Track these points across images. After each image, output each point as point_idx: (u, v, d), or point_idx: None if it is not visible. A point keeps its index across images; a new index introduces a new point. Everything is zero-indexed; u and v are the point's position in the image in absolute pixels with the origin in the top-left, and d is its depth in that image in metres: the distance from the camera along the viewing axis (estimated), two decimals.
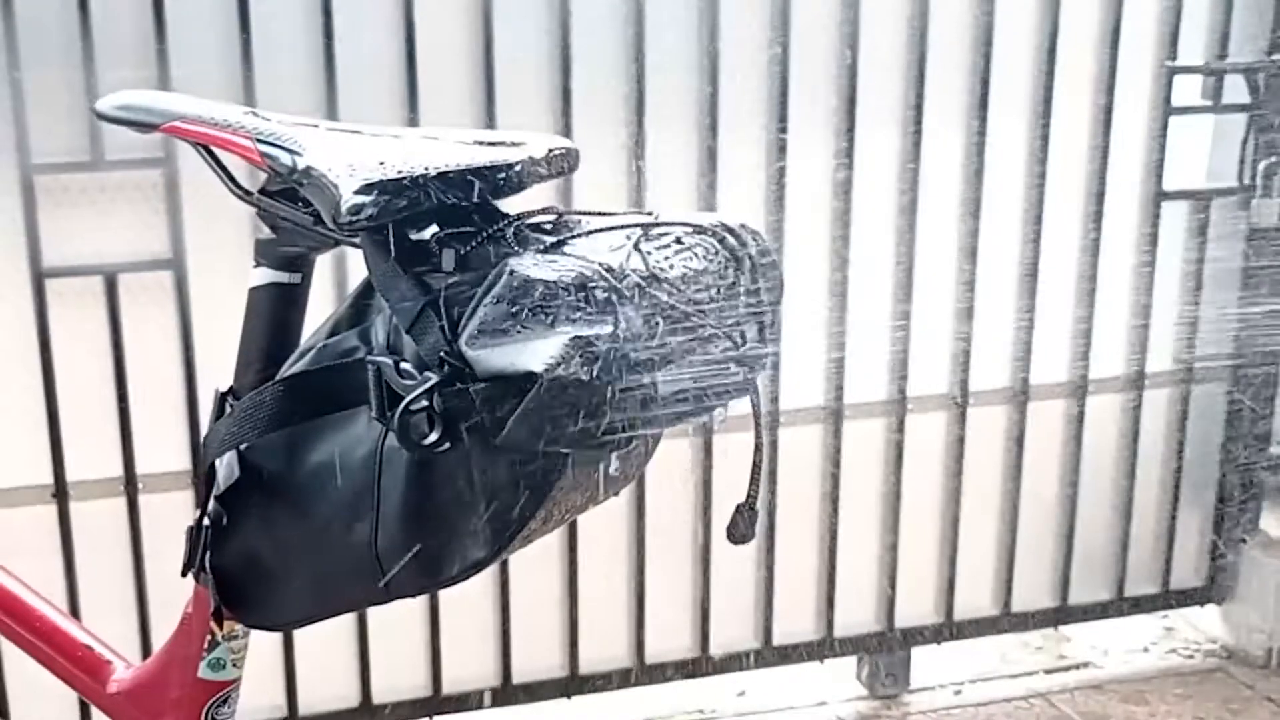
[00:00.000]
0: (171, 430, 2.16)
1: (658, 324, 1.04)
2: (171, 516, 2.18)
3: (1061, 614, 2.72)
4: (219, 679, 1.29)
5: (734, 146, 2.30)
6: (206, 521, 1.22)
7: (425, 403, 1.01)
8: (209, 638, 1.27)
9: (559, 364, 0.97)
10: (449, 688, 2.39)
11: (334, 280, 2.11)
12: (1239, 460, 2.73)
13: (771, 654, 2.56)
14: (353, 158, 1.07)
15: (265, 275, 1.23)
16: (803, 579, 2.54)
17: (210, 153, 1.17)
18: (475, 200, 1.08)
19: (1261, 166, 2.55)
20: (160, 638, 1.39)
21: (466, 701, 2.40)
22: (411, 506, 1.08)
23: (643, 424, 1.02)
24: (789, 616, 2.55)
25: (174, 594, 2.13)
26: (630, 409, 1.00)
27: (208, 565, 1.21)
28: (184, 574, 1.25)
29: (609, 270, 1.04)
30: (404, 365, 1.04)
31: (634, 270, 1.06)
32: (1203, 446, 2.74)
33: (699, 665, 2.52)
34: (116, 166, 2.05)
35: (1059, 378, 2.59)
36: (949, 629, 2.65)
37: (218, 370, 2.09)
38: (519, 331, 1.00)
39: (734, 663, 2.54)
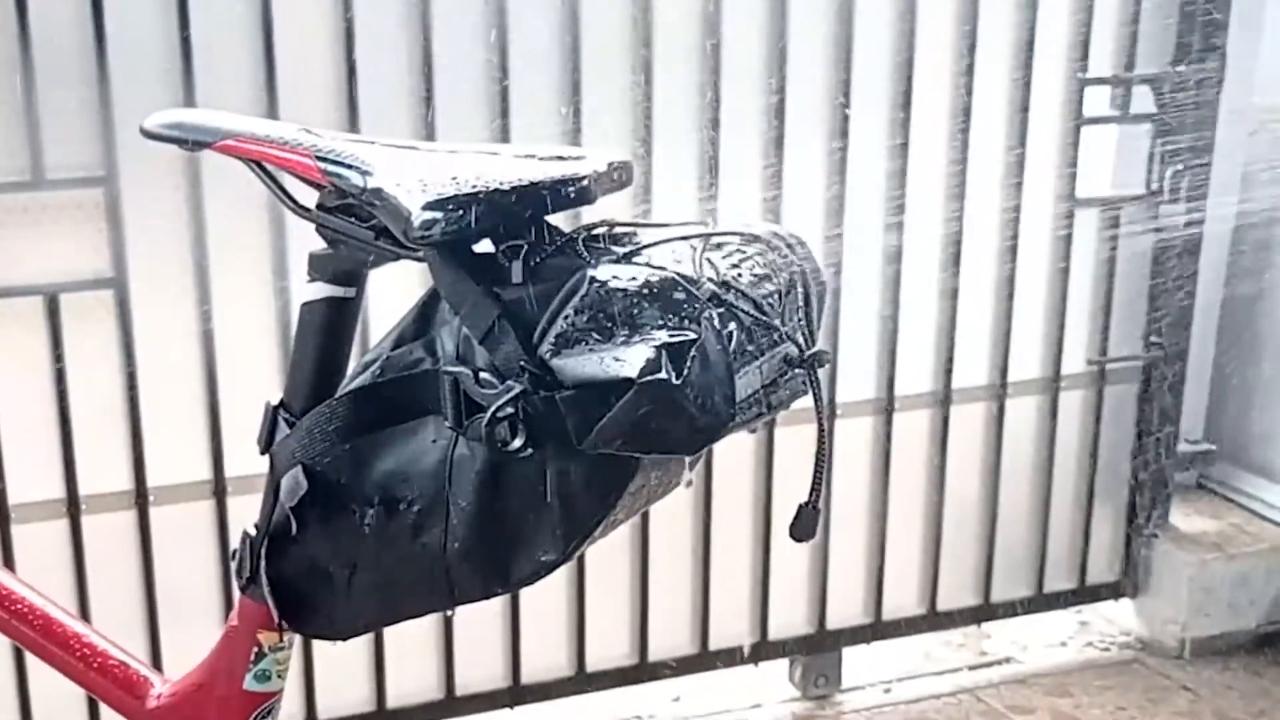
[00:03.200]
0: (114, 451, 2.15)
1: (733, 330, 1.08)
2: (115, 537, 2.17)
3: (984, 611, 2.79)
4: (264, 690, 1.30)
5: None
6: (253, 532, 1.23)
7: (509, 410, 1.03)
8: (255, 649, 1.28)
9: (652, 370, 1.00)
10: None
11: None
12: (1150, 458, 2.82)
13: (707, 658, 2.59)
14: (422, 174, 1.09)
15: (320, 290, 1.24)
16: (737, 583, 2.58)
17: (264, 170, 1.18)
18: (543, 214, 1.11)
19: (1169, 174, 2.64)
20: None
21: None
22: (484, 512, 1.10)
23: (721, 426, 1.05)
24: (724, 621, 2.59)
25: (118, 616, 2.16)
26: (711, 412, 1.03)
27: (263, 577, 1.22)
28: (242, 589, 1.26)
29: (686, 278, 1.07)
30: (482, 375, 1.07)
31: (708, 278, 1.09)
32: (1115, 446, 2.83)
33: (637, 672, 2.55)
34: (58, 185, 2.03)
35: (979, 380, 2.66)
36: (878, 629, 2.70)
37: (161, 390, 2.13)
38: (600, 339, 1.03)
39: (670, 668, 2.57)
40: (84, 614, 2.16)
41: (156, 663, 2.20)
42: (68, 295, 2.07)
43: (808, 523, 1.21)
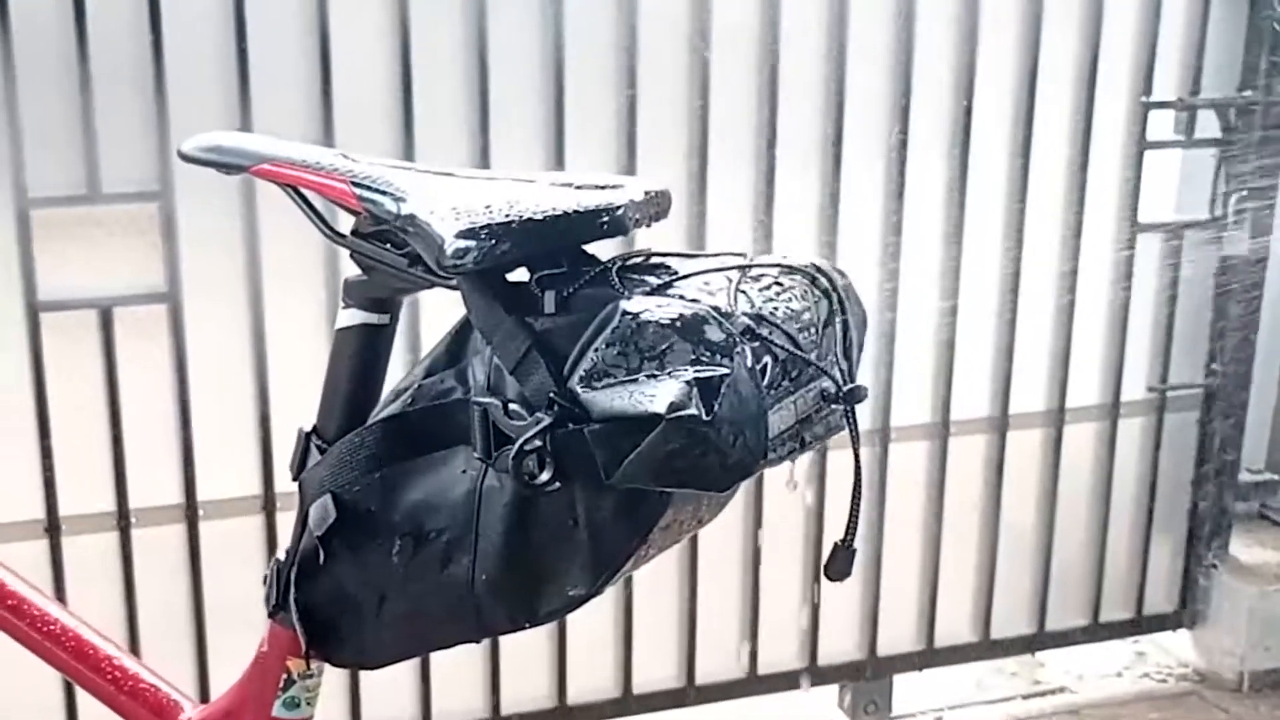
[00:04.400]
0: (165, 465, 2.16)
1: (767, 364, 1.06)
2: (165, 551, 2.18)
3: (1038, 640, 2.76)
4: (293, 717, 1.29)
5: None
6: (282, 558, 1.23)
7: (537, 443, 1.02)
8: (284, 676, 1.27)
9: (682, 406, 0.99)
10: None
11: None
12: (1210, 487, 2.78)
13: (756, 683, 2.57)
14: (456, 202, 1.08)
15: (354, 316, 1.23)
16: (787, 608, 2.56)
17: (300, 195, 1.18)
18: (577, 243, 1.10)
19: (1233, 199, 2.60)
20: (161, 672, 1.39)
21: None
22: (512, 544, 1.09)
23: (753, 463, 1.04)
24: (773, 645, 2.57)
25: (167, 630, 2.17)
26: (743, 448, 1.02)
27: (292, 604, 1.21)
28: (271, 615, 1.25)
29: (720, 312, 1.05)
30: (512, 406, 1.05)
31: (742, 312, 1.07)
32: (1175, 474, 2.79)
33: (684, 695, 2.53)
34: (113, 200, 2.04)
35: (1037, 407, 2.63)
36: (930, 656, 2.67)
37: (213, 405, 2.13)
38: (632, 373, 1.01)
39: (719, 692, 2.55)
40: (132, 628, 2.18)
41: (203, 678, 2.21)
42: (121, 309, 2.09)
43: (843, 562, 1.19)
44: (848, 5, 2.32)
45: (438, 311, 1.28)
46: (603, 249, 1.13)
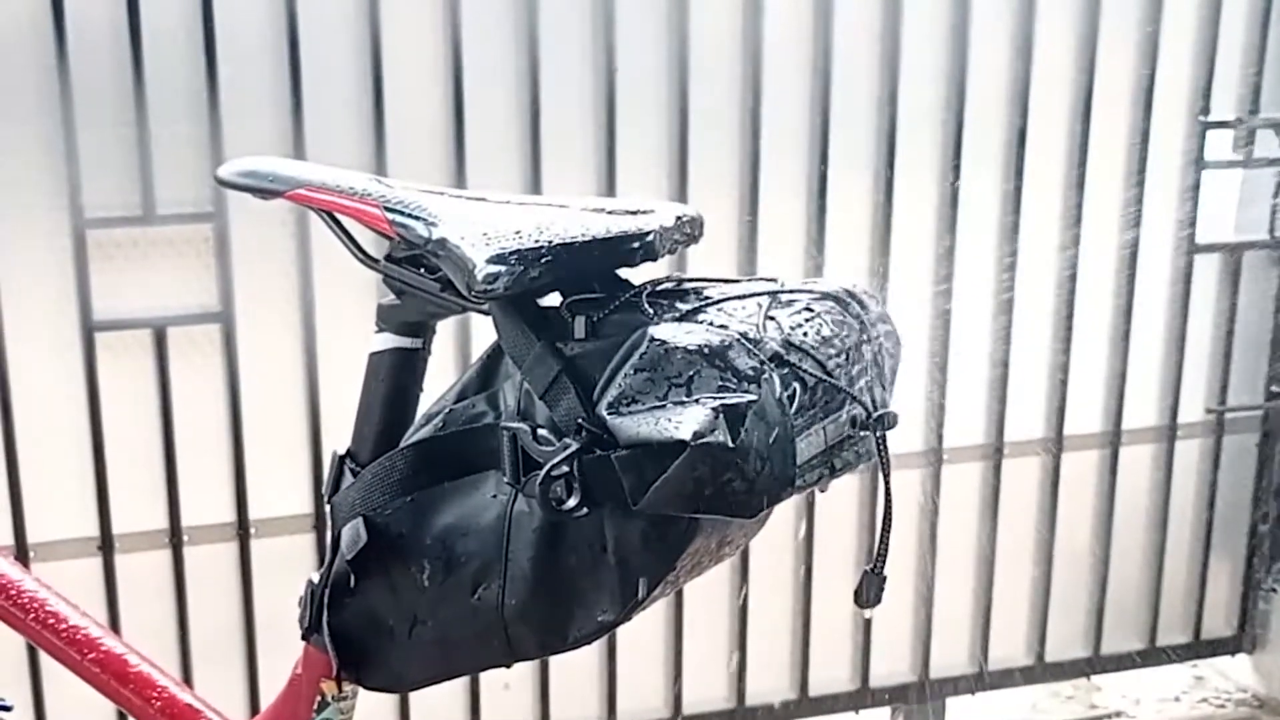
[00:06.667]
0: (217, 483, 2.17)
1: (795, 391, 1.06)
2: (217, 569, 2.20)
3: (1094, 663, 2.73)
4: None
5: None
6: (316, 581, 1.23)
7: (565, 469, 1.02)
8: (319, 698, 1.28)
9: (707, 433, 0.99)
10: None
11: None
12: (1269, 509, 2.74)
13: (808, 704, 2.56)
14: (487, 227, 1.08)
15: (387, 340, 1.24)
16: (838, 629, 2.55)
17: (335, 219, 1.19)
18: (607, 269, 1.10)
19: None
20: (203, 690, 1.40)
21: None
22: (541, 570, 1.09)
23: (781, 489, 1.03)
24: (825, 666, 2.56)
25: (217, 647, 2.18)
26: (770, 474, 1.02)
27: (325, 627, 1.22)
28: (304, 637, 1.26)
29: (748, 338, 1.05)
30: (540, 431, 1.06)
31: (771, 338, 1.07)
32: (1233, 496, 2.76)
33: (735, 716, 2.52)
34: (168, 221, 2.06)
35: (1093, 428, 2.61)
36: (983, 679, 2.65)
37: (265, 424, 2.15)
38: (660, 399, 1.01)
39: (770, 713, 2.54)
40: (184, 645, 2.19)
41: (254, 695, 2.22)
42: (175, 329, 2.11)
43: (873, 588, 1.18)
44: (900, 27, 2.31)
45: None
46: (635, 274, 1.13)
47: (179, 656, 2.20)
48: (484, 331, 1.37)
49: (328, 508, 1.24)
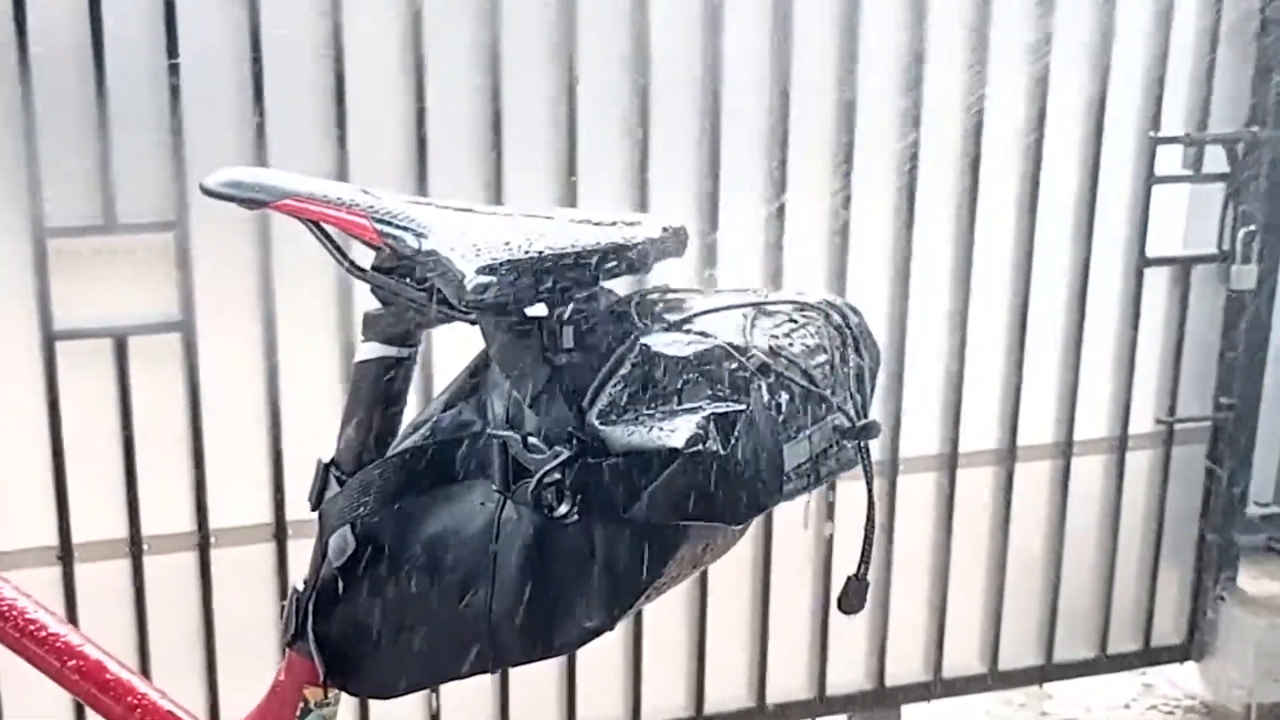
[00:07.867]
0: (178, 492, 2.17)
1: (782, 400, 1.08)
2: (177, 578, 2.19)
3: (1046, 671, 2.76)
4: None
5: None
6: (301, 588, 1.24)
7: (556, 476, 1.03)
8: (302, 705, 1.28)
9: (698, 440, 1.00)
10: None
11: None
12: (1218, 519, 2.78)
13: (764, 712, 2.57)
14: (477, 238, 1.10)
15: (374, 349, 1.24)
16: (795, 638, 2.57)
17: (321, 230, 1.20)
18: (595, 280, 1.11)
19: (1240, 234, 2.62)
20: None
21: None
22: (529, 577, 1.10)
23: (768, 497, 1.05)
24: (782, 675, 2.57)
25: (178, 656, 2.18)
26: (758, 482, 1.03)
27: (310, 634, 1.22)
28: (289, 644, 1.26)
29: (736, 348, 1.07)
30: (530, 439, 1.07)
31: (757, 348, 1.09)
32: (1183, 506, 2.79)
33: None
34: (129, 230, 2.06)
35: (1045, 439, 2.64)
36: (938, 686, 2.68)
37: (226, 433, 2.15)
38: (650, 408, 1.03)
39: None
40: (143, 654, 2.19)
41: (214, 704, 2.22)
42: (136, 338, 2.10)
43: (856, 595, 1.21)
44: (856, 43, 2.34)
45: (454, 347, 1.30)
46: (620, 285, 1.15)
47: (139, 666, 2.18)
48: (452, 341, 1.38)
49: (308, 514, 1.24)
